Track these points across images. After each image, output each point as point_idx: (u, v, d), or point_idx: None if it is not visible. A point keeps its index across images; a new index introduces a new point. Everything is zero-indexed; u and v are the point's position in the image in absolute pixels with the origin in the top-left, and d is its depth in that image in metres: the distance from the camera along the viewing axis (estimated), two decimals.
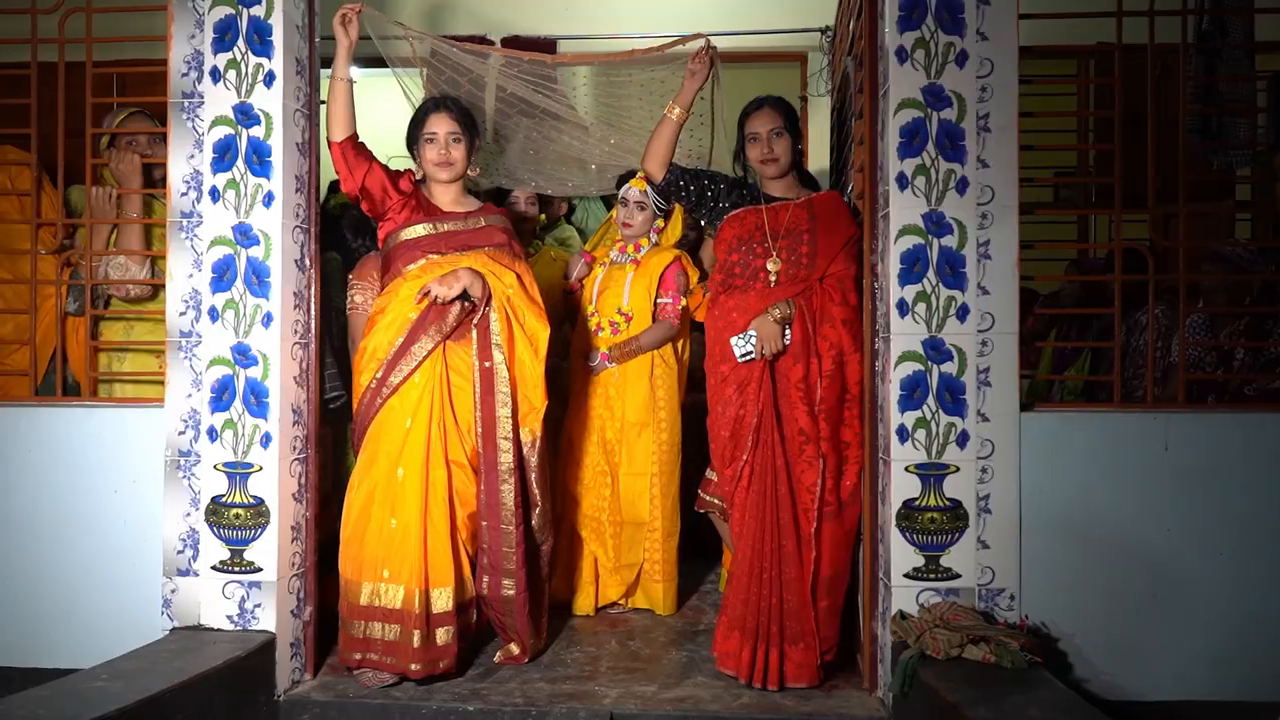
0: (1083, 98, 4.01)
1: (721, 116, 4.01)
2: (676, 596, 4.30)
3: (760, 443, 3.40)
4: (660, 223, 4.29)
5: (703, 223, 3.90)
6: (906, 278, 3.08)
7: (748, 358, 3.39)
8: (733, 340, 3.40)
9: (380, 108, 4.72)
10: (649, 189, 4.13)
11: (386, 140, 3.87)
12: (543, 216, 4.80)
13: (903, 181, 3.09)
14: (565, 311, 4.46)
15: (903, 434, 3.08)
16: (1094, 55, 4.31)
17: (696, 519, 4.26)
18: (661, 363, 4.24)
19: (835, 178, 4.49)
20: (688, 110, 3.62)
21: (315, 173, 3.44)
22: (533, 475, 3.54)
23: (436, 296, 3.38)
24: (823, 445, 3.34)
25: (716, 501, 3.91)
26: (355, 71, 3.67)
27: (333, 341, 3.86)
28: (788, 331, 3.38)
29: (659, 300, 4.24)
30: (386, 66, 4.03)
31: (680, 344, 4.35)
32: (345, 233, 4.08)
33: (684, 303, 4.27)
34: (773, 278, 3.45)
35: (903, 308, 3.08)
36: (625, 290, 4.24)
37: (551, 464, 4.17)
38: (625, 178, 4.28)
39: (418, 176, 3.61)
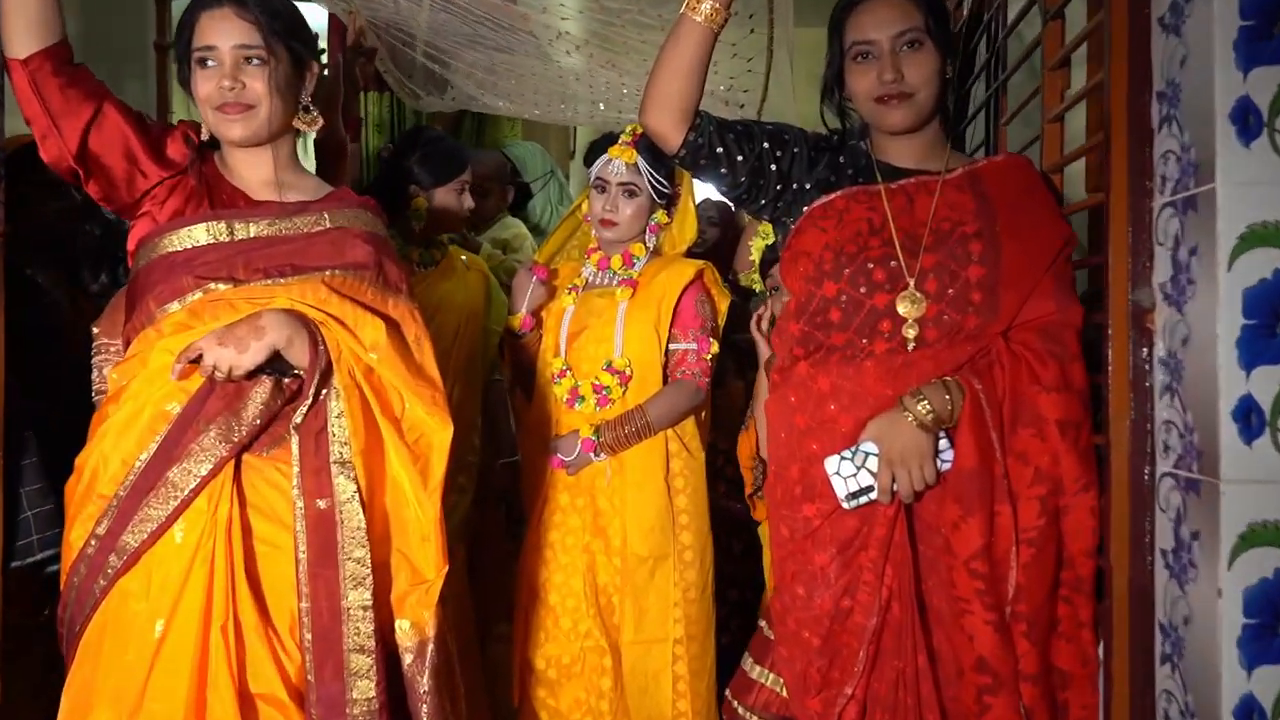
0: None
1: (787, 25, 2.28)
2: None
3: (884, 669, 1.66)
4: (661, 216, 2.54)
5: (763, 218, 2.10)
6: (1256, 346, 1.31)
7: (863, 499, 1.65)
8: (831, 463, 1.66)
9: None
10: (642, 161, 2.47)
11: None
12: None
13: (1245, 120, 1.31)
14: (515, 368, 2.72)
15: (1249, 713, 1.31)
16: None
17: None
18: (681, 450, 2.56)
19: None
20: (727, 5, 1.84)
21: None
22: (423, 709, 1.79)
23: (216, 368, 1.65)
24: (1024, 691, 1.58)
25: None
26: None
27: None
28: (945, 445, 1.63)
29: (674, 346, 2.55)
30: None
31: (704, 415, 2.64)
32: (80, 258, 2.29)
33: (714, 349, 2.56)
34: (909, 332, 1.69)
35: (1248, 416, 1.31)
36: (616, 331, 2.53)
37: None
38: (600, 145, 2.56)
39: (204, 136, 1.86)
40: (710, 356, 2.55)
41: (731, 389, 2.92)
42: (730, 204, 3.61)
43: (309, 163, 2.30)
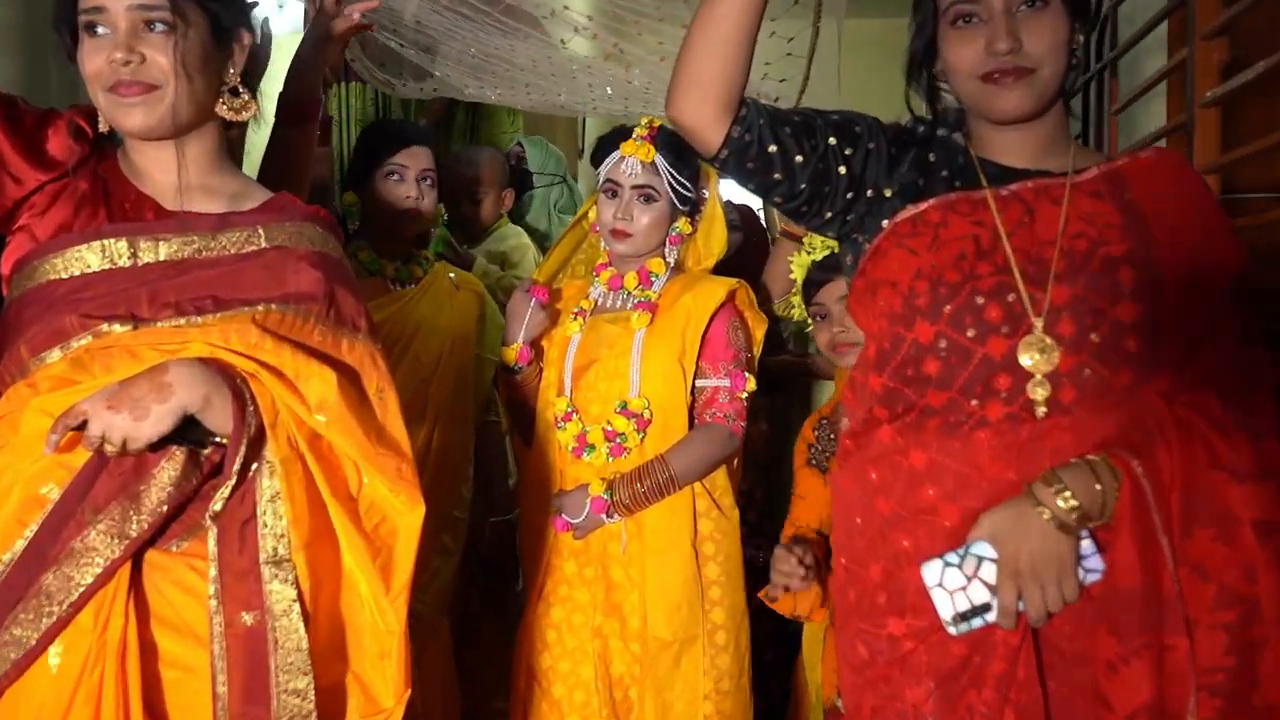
0: None
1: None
2: None
3: None
4: (684, 225, 2.13)
5: (827, 234, 1.66)
6: None
7: (976, 621, 1.22)
8: (931, 571, 1.23)
9: None
10: (661, 159, 2.08)
11: None
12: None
13: None
14: (512, 409, 2.30)
15: None
16: None
17: None
18: (711, 509, 2.14)
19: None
20: None
21: None
22: None
23: (106, 439, 1.23)
24: None
25: None
26: None
27: None
28: (1089, 548, 1.20)
29: (701, 383, 2.13)
30: None
31: (736, 463, 2.22)
32: None
33: (750, 385, 2.13)
34: (1038, 392, 1.26)
35: None
36: (632, 365, 2.10)
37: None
38: (610, 141, 2.15)
39: (104, 127, 1.42)
40: (745, 395, 2.13)
41: (750, 430, 2.48)
42: (753, 205, 3.18)
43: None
